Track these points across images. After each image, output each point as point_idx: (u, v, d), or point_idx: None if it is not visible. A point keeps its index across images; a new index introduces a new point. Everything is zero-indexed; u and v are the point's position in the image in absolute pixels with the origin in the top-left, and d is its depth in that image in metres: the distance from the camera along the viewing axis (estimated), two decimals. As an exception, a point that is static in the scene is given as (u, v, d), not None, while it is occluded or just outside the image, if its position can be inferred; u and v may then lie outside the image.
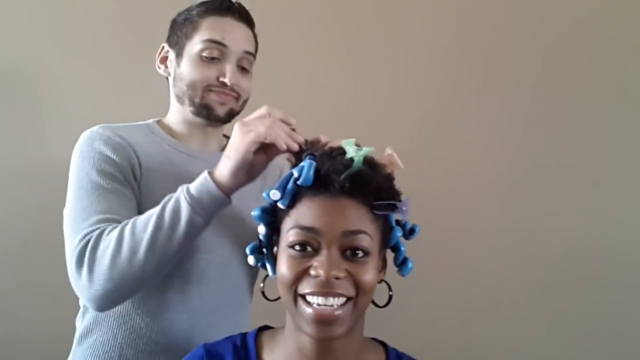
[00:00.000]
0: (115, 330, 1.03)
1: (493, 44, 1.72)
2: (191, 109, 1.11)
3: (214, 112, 1.10)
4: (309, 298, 0.76)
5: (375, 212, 0.79)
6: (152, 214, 0.94)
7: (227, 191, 0.94)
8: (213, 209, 0.94)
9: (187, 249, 0.97)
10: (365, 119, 1.66)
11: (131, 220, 0.95)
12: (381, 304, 0.86)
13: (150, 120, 1.17)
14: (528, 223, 1.69)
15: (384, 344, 0.90)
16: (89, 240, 0.94)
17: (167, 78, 1.16)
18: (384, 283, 0.87)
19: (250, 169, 0.93)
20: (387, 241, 0.84)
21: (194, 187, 0.94)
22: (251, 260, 0.87)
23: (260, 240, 0.86)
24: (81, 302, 1.09)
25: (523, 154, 1.71)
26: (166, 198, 0.95)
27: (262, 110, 0.94)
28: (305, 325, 0.77)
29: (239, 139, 0.91)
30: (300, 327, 0.78)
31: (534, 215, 1.69)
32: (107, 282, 0.92)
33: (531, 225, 1.69)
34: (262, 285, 0.88)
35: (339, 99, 1.70)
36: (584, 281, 1.68)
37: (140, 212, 1.00)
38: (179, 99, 1.13)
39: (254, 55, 1.15)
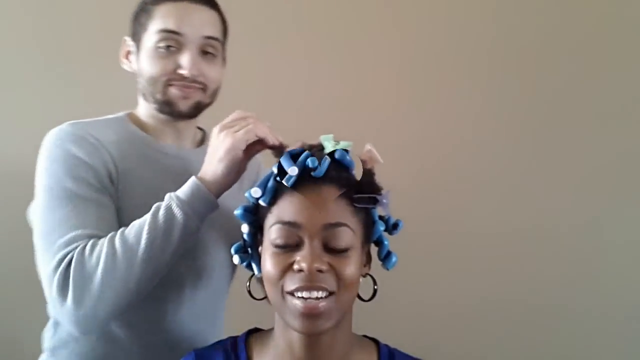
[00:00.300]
0: (94, 343, 0.99)
1: (490, 39, 1.71)
2: (154, 105, 1.05)
3: (176, 108, 1.03)
4: (295, 294, 0.76)
5: (355, 205, 0.80)
6: (142, 225, 0.90)
7: (217, 194, 0.94)
8: (206, 213, 0.94)
9: (177, 258, 0.95)
10: (350, 116, 1.65)
11: (118, 234, 0.91)
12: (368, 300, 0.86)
13: (122, 114, 1.10)
14: (519, 219, 1.69)
15: (375, 341, 0.90)
16: (70, 260, 0.88)
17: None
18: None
19: (239, 168, 0.93)
20: (370, 235, 0.85)
21: (184, 193, 0.92)
22: (236, 259, 0.87)
23: (244, 239, 0.87)
24: (49, 309, 1.03)
25: (511, 148, 1.71)
26: (153, 209, 0.92)
27: (236, 114, 0.94)
28: (293, 320, 0.77)
29: (228, 140, 0.90)
30: (288, 323, 0.78)
31: (526, 212, 1.69)
32: (98, 302, 0.87)
33: (522, 221, 1.69)
34: (247, 284, 0.88)
35: (323, 96, 1.68)
36: (576, 276, 1.68)
37: (119, 216, 0.97)
38: (143, 95, 1.06)
39: (219, 39, 1.05)
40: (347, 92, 1.68)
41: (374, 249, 0.88)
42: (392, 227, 0.88)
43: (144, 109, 1.09)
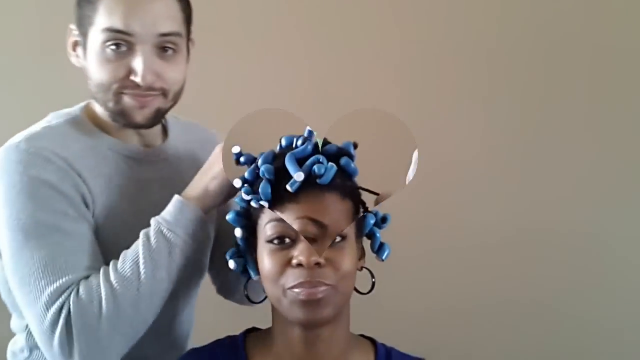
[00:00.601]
0: None
1: (491, 39, 1.70)
2: (107, 113, 0.92)
3: (132, 120, 0.90)
4: (295, 290, 0.77)
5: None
6: (136, 258, 0.84)
7: (205, 209, 0.90)
8: (199, 230, 0.90)
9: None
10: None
11: (111, 271, 0.84)
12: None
13: (77, 110, 0.96)
14: (519, 219, 1.68)
15: (372, 340, 0.91)
16: (68, 312, 0.80)
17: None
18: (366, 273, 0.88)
19: (232, 191, 0.91)
20: (362, 229, 0.86)
21: (174, 217, 0.87)
22: (232, 264, 0.86)
23: (238, 244, 0.86)
24: (16, 328, 0.96)
25: (512, 149, 1.70)
26: (142, 237, 0.86)
27: None
28: (294, 311, 0.77)
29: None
30: (289, 316, 0.79)
31: (524, 210, 1.69)
32: (107, 349, 0.82)
33: (523, 221, 1.68)
34: (245, 288, 0.88)
35: (322, 96, 1.64)
36: (577, 277, 1.68)
37: (100, 240, 0.90)
38: (95, 99, 0.93)
39: (179, 33, 0.90)
40: (346, 92, 1.64)
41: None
42: (380, 221, 0.89)
43: (100, 110, 0.95)
